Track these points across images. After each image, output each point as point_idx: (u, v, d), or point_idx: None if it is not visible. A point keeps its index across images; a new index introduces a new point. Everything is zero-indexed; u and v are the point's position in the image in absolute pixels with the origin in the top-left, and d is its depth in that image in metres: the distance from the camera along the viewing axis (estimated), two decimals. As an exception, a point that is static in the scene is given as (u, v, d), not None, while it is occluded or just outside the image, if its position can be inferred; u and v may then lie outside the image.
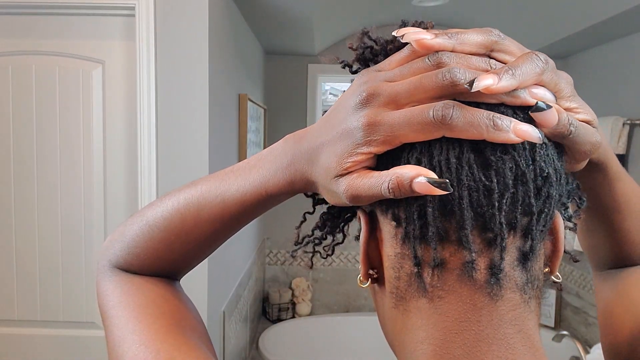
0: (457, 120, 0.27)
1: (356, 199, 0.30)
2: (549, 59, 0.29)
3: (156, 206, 0.44)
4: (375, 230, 0.34)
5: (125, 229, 0.45)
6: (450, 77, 0.27)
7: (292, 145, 0.37)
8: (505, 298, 0.29)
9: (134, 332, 0.38)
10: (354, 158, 0.30)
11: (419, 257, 0.30)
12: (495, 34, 0.29)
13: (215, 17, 1.51)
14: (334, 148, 0.31)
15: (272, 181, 0.37)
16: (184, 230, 0.41)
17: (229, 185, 0.40)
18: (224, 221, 0.41)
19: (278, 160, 0.37)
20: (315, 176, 0.34)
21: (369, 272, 0.34)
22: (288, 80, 2.84)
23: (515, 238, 0.29)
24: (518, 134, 0.27)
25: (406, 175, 0.27)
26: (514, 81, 0.27)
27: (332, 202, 0.34)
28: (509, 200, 0.28)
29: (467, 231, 0.28)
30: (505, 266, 0.29)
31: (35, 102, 1.50)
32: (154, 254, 0.43)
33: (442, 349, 0.30)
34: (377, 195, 0.29)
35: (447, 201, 0.28)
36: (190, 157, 1.46)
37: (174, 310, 0.41)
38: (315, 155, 0.34)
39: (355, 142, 0.30)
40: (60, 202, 1.53)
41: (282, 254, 2.96)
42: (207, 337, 0.42)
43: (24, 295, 1.57)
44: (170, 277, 0.46)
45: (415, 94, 0.29)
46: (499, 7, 2.05)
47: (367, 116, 0.29)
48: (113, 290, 0.43)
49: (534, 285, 0.31)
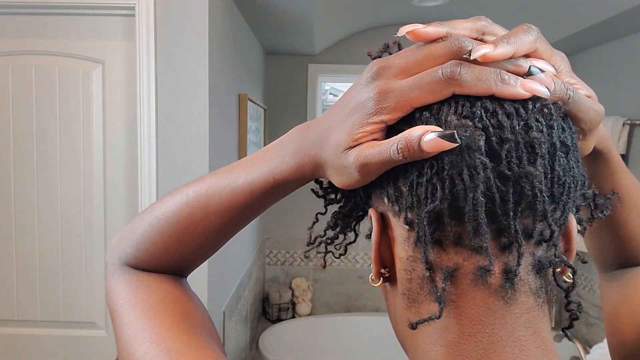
0: (466, 76, 0.27)
1: (365, 167, 0.30)
2: (540, 33, 0.30)
3: (165, 201, 0.44)
4: (387, 229, 0.33)
5: (135, 226, 0.45)
6: (459, 43, 0.28)
7: (301, 132, 0.37)
8: (519, 301, 0.29)
9: (144, 331, 0.38)
10: (364, 128, 0.30)
11: (431, 261, 0.30)
12: (485, 20, 0.31)
13: (215, 17, 1.51)
14: (344, 124, 0.32)
15: (279, 168, 0.37)
16: (192, 222, 0.41)
17: (237, 176, 0.40)
18: (233, 212, 0.40)
19: (286, 148, 0.37)
20: (324, 157, 0.34)
21: (380, 272, 0.34)
22: (288, 80, 2.84)
23: (529, 244, 0.29)
24: (525, 89, 0.28)
25: (415, 134, 0.28)
26: (510, 47, 0.28)
27: (341, 184, 0.34)
28: (525, 206, 0.28)
29: (484, 237, 0.28)
30: (520, 271, 0.29)
31: (35, 102, 1.50)
32: (163, 248, 0.43)
33: (456, 351, 0.30)
34: (386, 161, 0.29)
35: (460, 205, 0.28)
36: (190, 157, 1.46)
37: (183, 308, 0.41)
38: (324, 137, 0.34)
39: (366, 112, 0.30)
40: (60, 202, 1.53)
41: (282, 254, 2.96)
42: (216, 334, 0.42)
43: (24, 295, 1.57)
44: (178, 274, 0.46)
45: (425, 62, 0.29)
46: (499, 7, 2.05)
47: (378, 86, 0.30)
48: (122, 289, 0.43)
49: (548, 289, 0.31)
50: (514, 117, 0.28)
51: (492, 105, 0.28)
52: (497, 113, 0.28)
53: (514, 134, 0.28)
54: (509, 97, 0.28)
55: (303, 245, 2.91)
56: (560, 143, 0.29)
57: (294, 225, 2.89)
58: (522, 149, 0.28)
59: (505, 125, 0.27)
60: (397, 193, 0.31)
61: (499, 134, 0.28)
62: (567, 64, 0.31)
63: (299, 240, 2.92)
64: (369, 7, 2.31)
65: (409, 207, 0.30)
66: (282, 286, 2.94)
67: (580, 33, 2.07)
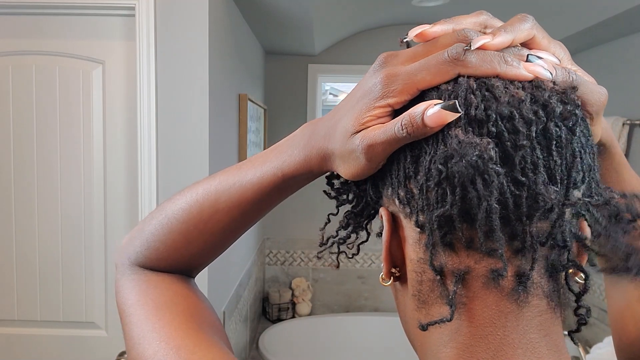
0: (471, 57, 0.28)
1: (371, 149, 0.30)
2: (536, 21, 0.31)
3: (175, 200, 0.44)
4: (398, 229, 0.33)
5: (144, 225, 0.45)
6: (464, 33, 0.29)
7: (310, 127, 0.37)
8: (532, 304, 0.29)
9: (153, 330, 0.38)
10: (371, 112, 0.31)
11: (442, 265, 0.30)
12: (486, 14, 0.32)
13: (215, 17, 1.51)
14: (352, 110, 0.32)
15: (287, 162, 0.38)
16: (202, 220, 0.41)
17: (246, 172, 0.40)
18: (241, 208, 0.40)
19: (295, 143, 0.38)
20: (331, 147, 0.34)
21: (391, 271, 0.34)
22: (288, 80, 2.84)
23: (543, 247, 0.29)
24: (528, 71, 0.29)
25: (419, 109, 0.28)
26: (509, 35, 0.29)
27: (348, 173, 0.34)
28: (540, 212, 0.28)
29: (499, 243, 0.27)
30: (533, 274, 0.29)
31: (35, 102, 1.50)
32: (173, 245, 0.43)
33: (467, 353, 0.30)
34: (391, 139, 0.29)
35: (473, 212, 0.27)
36: (190, 157, 1.46)
37: (192, 307, 0.42)
38: (332, 129, 0.34)
39: (373, 97, 0.31)
40: (61, 203, 1.53)
41: (282, 254, 2.96)
42: (224, 333, 0.42)
43: (24, 295, 1.57)
44: (186, 274, 0.46)
45: (432, 50, 0.30)
46: (499, 7, 2.05)
47: (385, 71, 0.31)
48: (132, 289, 0.43)
49: (560, 292, 0.31)
50: (532, 124, 0.27)
51: (509, 109, 0.27)
52: (513, 117, 0.27)
53: (529, 139, 0.27)
54: (513, 78, 0.29)
55: (303, 245, 2.92)
56: (580, 147, 0.29)
57: (293, 225, 2.90)
58: (537, 155, 0.27)
59: (522, 130, 0.27)
60: (408, 195, 0.31)
61: (514, 140, 0.27)
62: (566, 53, 0.32)
63: (298, 240, 2.93)
64: (369, 7, 2.31)
65: (420, 210, 0.30)
66: (282, 286, 2.94)
67: (580, 33, 2.07)
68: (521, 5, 1.95)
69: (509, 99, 0.28)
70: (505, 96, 0.28)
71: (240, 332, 2.14)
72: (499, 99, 0.28)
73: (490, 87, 0.28)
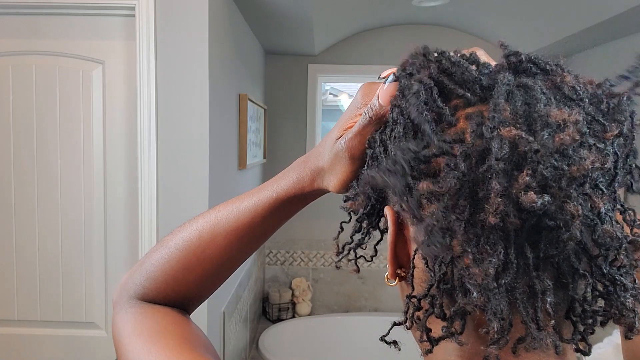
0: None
1: (350, 142, 0.35)
2: None
3: (175, 232, 0.46)
4: (403, 229, 0.33)
5: (145, 259, 0.47)
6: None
7: (303, 156, 0.42)
8: None
9: (149, 354, 0.39)
10: (354, 120, 0.36)
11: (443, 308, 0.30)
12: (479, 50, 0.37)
13: (215, 17, 1.51)
14: (337, 125, 0.37)
15: (281, 184, 0.41)
16: (200, 246, 0.43)
17: (244, 200, 0.43)
18: (238, 232, 0.43)
19: (289, 169, 0.42)
20: (321, 163, 0.38)
21: (397, 271, 0.34)
22: (288, 80, 2.84)
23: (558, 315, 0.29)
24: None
25: (375, 96, 0.33)
26: None
27: (336, 183, 0.37)
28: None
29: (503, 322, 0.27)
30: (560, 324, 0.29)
31: (35, 102, 1.50)
32: (172, 274, 0.45)
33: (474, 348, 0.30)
34: (361, 126, 0.34)
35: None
36: (190, 157, 1.46)
37: (186, 332, 0.43)
38: (322, 147, 0.39)
39: (355, 106, 0.36)
40: (61, 202, 1.53)
41: (282, 254, 2.96)
42: (217, 355, 0.43)
43: (24, 295, 1.57)
44: (184, 308, 0.48)
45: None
46: (499, 7, 2.05)
47: (364, 86, 0.36)
48: (127, 322, 0.44)
49: None
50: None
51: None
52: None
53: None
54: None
55: (303, 245, 2.93)
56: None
57: (293, 225, 2.89)
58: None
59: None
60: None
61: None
62: None
63: (298, 240, 2.92)
64: (369, 7, 2.31)
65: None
66: (282, 286, 2.94)
67: (580, 33, 2.07)
68: (521, 5, 1.95)
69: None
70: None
71: (240, 332, 2.14)
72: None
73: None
